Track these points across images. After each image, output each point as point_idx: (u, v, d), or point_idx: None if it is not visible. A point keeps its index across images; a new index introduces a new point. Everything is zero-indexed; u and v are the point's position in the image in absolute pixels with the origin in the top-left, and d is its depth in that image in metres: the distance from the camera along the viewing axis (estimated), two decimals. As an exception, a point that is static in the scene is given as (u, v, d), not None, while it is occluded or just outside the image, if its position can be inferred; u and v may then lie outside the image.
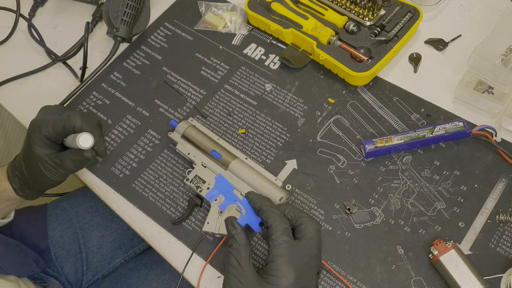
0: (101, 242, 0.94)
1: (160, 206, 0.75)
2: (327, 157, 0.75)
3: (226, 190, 0.69)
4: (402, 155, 0.74)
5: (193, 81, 0.86)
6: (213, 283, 0.69)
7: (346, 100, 0.80)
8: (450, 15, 0.86)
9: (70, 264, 0.92)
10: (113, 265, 0.95)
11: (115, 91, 0.86)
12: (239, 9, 0.91)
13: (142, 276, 0.90)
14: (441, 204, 0.69)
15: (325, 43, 0.81)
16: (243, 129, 0.80)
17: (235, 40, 0.89)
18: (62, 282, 0.91)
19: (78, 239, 0.93)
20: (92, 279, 0.94)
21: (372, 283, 0.65)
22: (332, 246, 0.69)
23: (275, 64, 0.85)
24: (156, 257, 0.91)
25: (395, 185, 0.72)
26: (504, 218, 0.66)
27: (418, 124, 0.76)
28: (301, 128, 0.78)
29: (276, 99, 0.82)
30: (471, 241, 0.66)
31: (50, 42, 0.94)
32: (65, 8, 0.99)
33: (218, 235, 0.70)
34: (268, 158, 0.77)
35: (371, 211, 0.70)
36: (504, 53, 0.74)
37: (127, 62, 0.89)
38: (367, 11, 0.83)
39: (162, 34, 0.92)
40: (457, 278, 0.61)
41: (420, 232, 0.68)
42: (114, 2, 0.84)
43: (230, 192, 0.69)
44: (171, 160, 0.78)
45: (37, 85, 0.90)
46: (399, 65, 0.82)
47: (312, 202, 0.72)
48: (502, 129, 0.73)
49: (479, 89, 0.75)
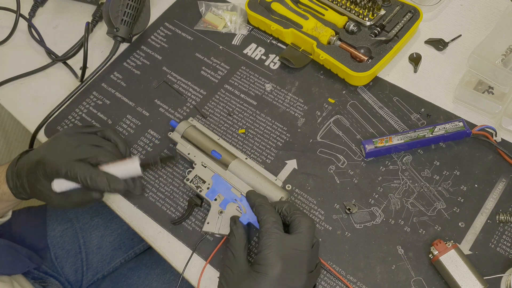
0: (101, 242, 0.94)
1: (160, 206, 0.75)
2: (327, 157, 0.75)
3: (223, 189, 0.70)
4: (402, 155, 0.74)
5: (193, 81, 0.86)
6: (213, 283, 0.68)
7: (346, 100, 0.80)
8: (450, 15, 0.86)
9: (70, 264, 0.92)
10: (113, 265, 0.95)
11: (115, 91, 0.87)
12: (239, 9, 0.91)
13: (142, 276, 0.90)
14: (441, 204, 0.69)
15: (325, 43, 0.81)
16: (243, 129, 0.80)
17: (235, 40, 0.89)
18: (62, 282, 0.91)
19: (78, 239, 0.93)
20: (92, 279, 0.94)
21: (372, 283, 0.65)
22: (332, 246, 0.69)
23: (275, 64, 0.85)
24: (156, 257, 0.91)
25: (395, 185, 0.72)
26: (504, 218, 0.66)
27: (418, 124, 0.76)
28: (301, 128, 0.78)
29: (276, 99, 0.82)
30: (471, 241, 0.66)
31: (50, 42, 0.94)
32: (65, 8, 0.99)
33: (218, 235, 0.70)
34: (268, 158, 0.77)
35: (371, 211, 0.70)
36: (504, 53, 0.74)
37: (127, 62, 0.89)
38: (367, 11, 0.83)
39: (162, 34, 0.92)
40: (457, 278, 0.61)
41: (420, 232, 0.68)
42: (114, 2, 0.84)
43: (228, 190, 0.70)
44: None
45: (37, 85, 0.90)
46: (399, 65, 0.82)
47: (312, 202, 0.72)
48: (502, 129, 0.73)
49: (479, 89, 0.75)
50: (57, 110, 0.84)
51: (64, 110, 0.85)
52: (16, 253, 0.80)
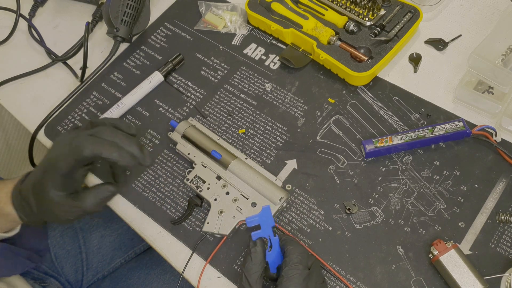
0: (101, 242, 0.94)
1: (160, 206, 0.75)
2: (327, 157, 0.75)
3: (266, 222, 0.61)
4: (402, 155, 0.74)
5: (193, 81, 0.86)
6: (213, 283, 0.69)
7: (346, 100, 0.80)
8: (450, 15, 0.86)
9: (70, 264, 0.92)
10: (113, 265, 0.95)
11: (115, 91, 0.86)
12: (239, 9, 0.91)
13: (142, 276, 0.90)
14: (441, 204, 0.69)
15: (325, 43, 0.81)
16: (243, 129, 0.80)
17: (235, 40, 0.89)
18: (62, 282, 0.91)
19: (78, 239, 0.93)
20: (92, 279, 0.94)
21: (372, 283, 0.65)
22: (332, 246, 0.69)
23: (275, 64, 0.85)
24: (156, 257, 0.91)
25: (395, 185, 0.72)
26: (504, 218, 0.66)
27: (418, 124, 0.76)
28: (301, 128, 0.78)
29: (276, 99, 0.82)
30: (471, 241, 0.66)
31: (50, 42, 0.94)
32: (65, 8, 0.99)
33: (218, 235, 0.70)
34: (268, 158, 0.77)
35: (371, 211, 0.70)
36: (504, 53, 0.74)
37: (127, 62, 0.89)
38: (367, 11, 0.83)
39: (162, 34, 0.92)
40: (457, 278, 0.61)
41: (420, 232, 0.68)
42: (114, 2, 0.84)
43: (269, 227, 0.62)
44: (171, 160, 0.78)
45: (37, 85, 0.90)
46: (399, 65, 0.82)
47: (312, 202, 0.72)
48: (502, 129, 0.73)
49: (479, 89, 0.75)
50: (57, 110, 0.84)
51: (64, 110, 0.85)
52: (12, 255, 0.79)
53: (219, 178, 0.72)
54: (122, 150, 0.60)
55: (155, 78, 0.84)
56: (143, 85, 0.84)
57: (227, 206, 0.70)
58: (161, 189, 0.76)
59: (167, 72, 0.85)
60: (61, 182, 0.61)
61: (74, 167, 0.60)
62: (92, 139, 0.59)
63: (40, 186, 0.62)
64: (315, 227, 0.70)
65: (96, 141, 0.59)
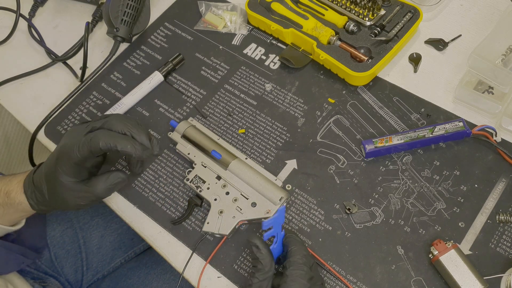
0: (101, 242, 0.94)
1: (160, 206, 0.75)
2: (327, 157, 0.75)
3: (278, 223, 0.61)
4: (402, 155, 0.74)
5: (193, 81, 0.86)
6: (213, 283, 0.69)
7: (346, 100, 0.80)
8: (450, 15, 0.86)
9: (70, 264, 0.92)
10: (113, 265, 0.95)
11: (115, 91, 0.87)
12: (239, 9, 0.91)
13: (142, 276, 0.90)
14: (441, 204, 0.69)
15: (325, 43, 0.81)
16: (243, 129, 0.80)
17: (235, 40, 0.89)
18: (62, 282, 0.91)
19: (78, 239, 0.93)
20: (92, 279, 0.94)
21: (372, 283, 0.65)
22: (332, 246, 0.69)
23: (275, 64, 0.85)
24: (156, 257, 0.91)
25: (395, 185, 0.72)
26: (504, 218, 0.66)
27: (418, 124, 0.76)
28: (301, 128, 0.78)
29: (276, 99, 0.82)
30: (471, 241, 0.66)
31: (50, 42, 0.94)
32: (65, 8, 0.99)
33: (218, 235, 0.70)
34: (268, 158, 0.77)
35: (371, 211, 0.70)
36: (504, 53, 0.74)
37: (127, 62, 0.89)
38: (367, 11, 0.83)
39: (162, 34, 0.92)
40: (457, 278, 0.61)
41: (420, 232, 0.68)
42: (114, 2, 0.84)
43: (279, 225, 0.61)
44: (171, 160, 0.78)
45: (37, 85, 0.90)
46: (399, 65, 0.82)
47: (312, 202, 0.72)
48: (502, 129, 0.73)
49: (479, 89, 0.75)
50: (57, 110, 0.84)
51: (64, 110, 0.85)
52: (6, 252, 0.79)
53: (219, 178, 0.72)
54: (135, 142, 0.64)
55: (155, 78, 0.84)
56: (143, 85, 0.84)
57: (227, 206, 0.70)
58: (161, 189, 0.76)
59: (167, 72, 0.86)
60: (73, 169, 0.65)
61: (87, 157, 0.64)
62: (108, 132, 0.64)
63: (53, 172, 0.65)
64: (315, 227, 0.70)
65: (111, 134, 0.64)
